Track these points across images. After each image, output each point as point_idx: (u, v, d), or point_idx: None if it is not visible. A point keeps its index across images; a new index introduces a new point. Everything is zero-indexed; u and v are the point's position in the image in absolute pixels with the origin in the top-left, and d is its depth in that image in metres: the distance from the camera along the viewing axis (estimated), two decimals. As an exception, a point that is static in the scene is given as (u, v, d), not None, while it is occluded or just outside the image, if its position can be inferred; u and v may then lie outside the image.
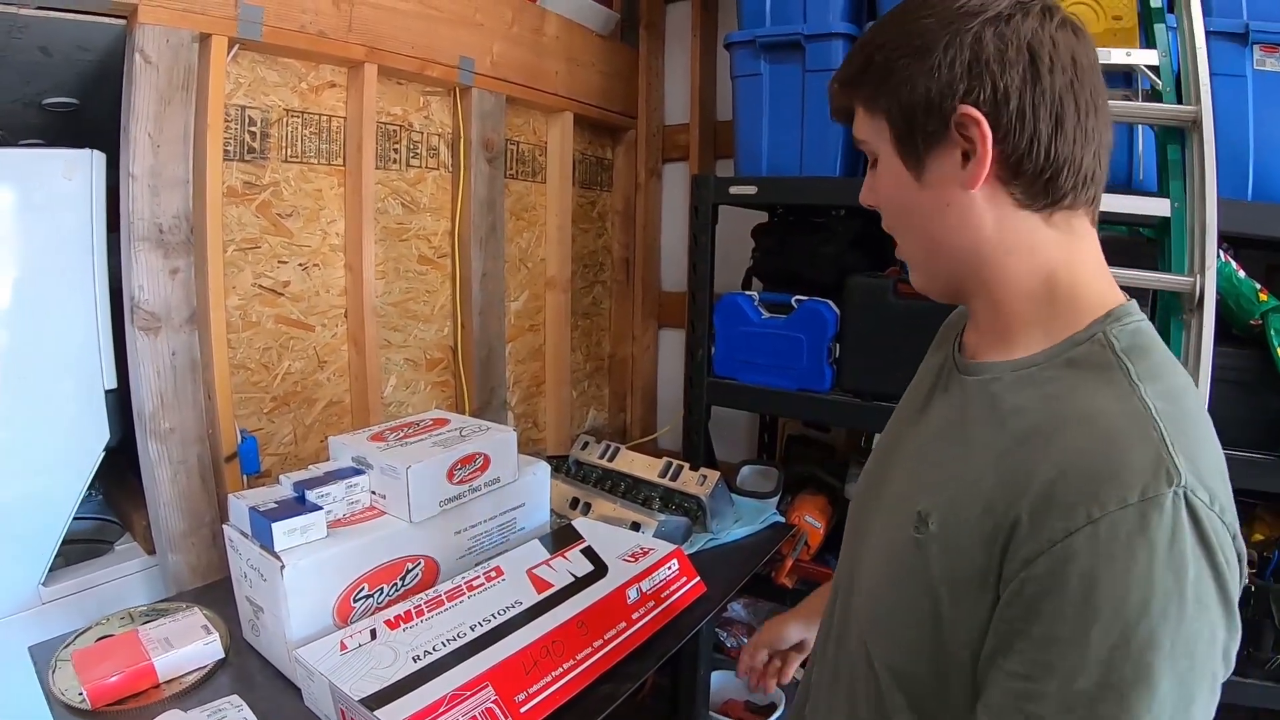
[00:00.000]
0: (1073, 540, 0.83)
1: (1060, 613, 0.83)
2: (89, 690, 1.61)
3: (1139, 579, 0.80)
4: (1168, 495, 0.82)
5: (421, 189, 2.96)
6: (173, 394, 2.18)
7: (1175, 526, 0.81)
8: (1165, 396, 0.92)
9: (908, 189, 1.07)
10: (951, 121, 0.99)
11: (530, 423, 3.68)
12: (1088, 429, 0.90)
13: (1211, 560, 0.82)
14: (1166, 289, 2.14)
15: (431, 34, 2.79)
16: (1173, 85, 2.21)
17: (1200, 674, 0.82)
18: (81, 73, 2.26)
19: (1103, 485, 0.84)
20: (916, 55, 1.00)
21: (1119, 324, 1.00)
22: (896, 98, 1.03)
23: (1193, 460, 0.85)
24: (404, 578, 1.93)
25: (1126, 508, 0.82)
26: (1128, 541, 0.81)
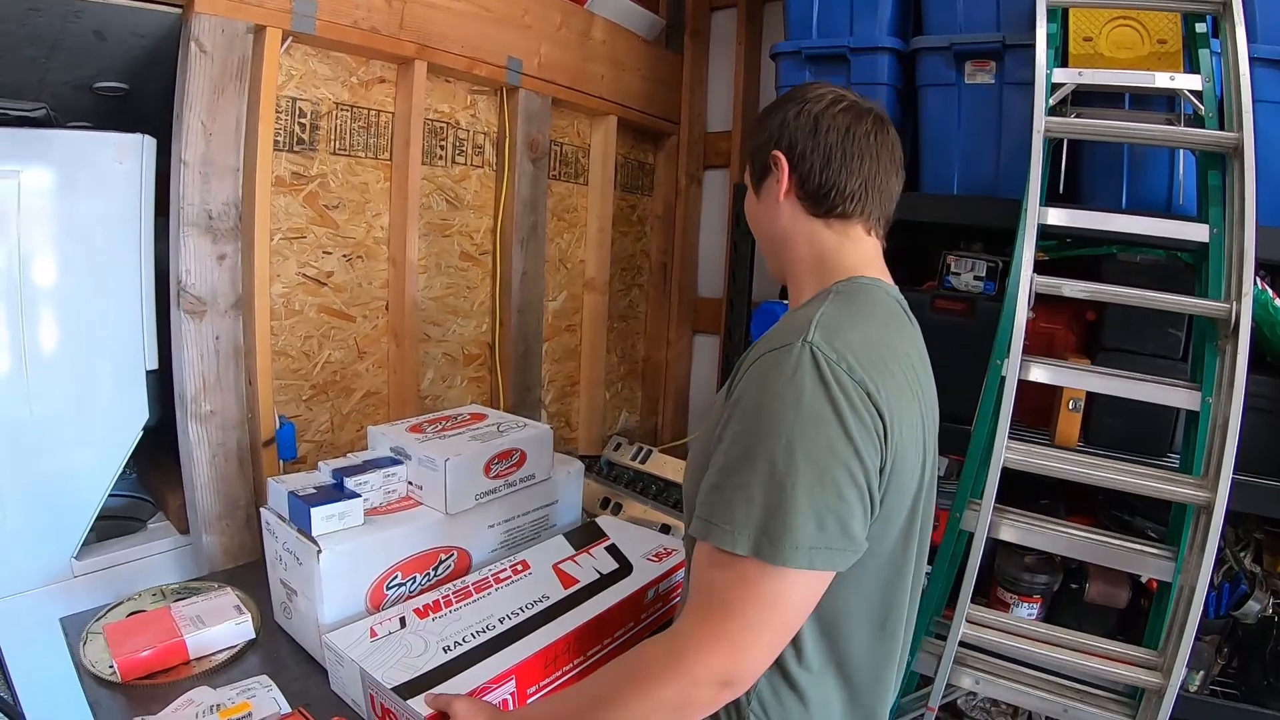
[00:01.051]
0: (748, 370, 1.30)
1: (734, 416, 1.27)
2: (120, 663, 1.65)
3: (771, 392, 1.23)
4: (796, 345, 1.24)
5: (466, 186, 2.98)
6: (215, 378, 2.21)
7: (798, 364, 1.22)
8: (838, 308, 1.36)
9: (754, 204, 1.60)
10: (766, 156, 1.52)
11: (563, 422, 3.70)
12: (783, 323, 1.39)
13: (828, 391, 1.21)
14: (1202, 314, 2.14)
15: (481, 34, 2.81)
16: (1215, 111, 2.21)
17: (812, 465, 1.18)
18: (133, 58, 2.29)
19: (765, 344, 1.31)
20: (760, 121, 1.57)
21: (848, 281, 1.47)
22: (750, 144, 1.59)
23: (829, 335, 1.26)
24: (437, 568, 1.95)
25: (772, 350, 1.27)
26: (768, 369, 1.26)
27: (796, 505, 1.17)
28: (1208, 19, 2.27)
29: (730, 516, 1.20)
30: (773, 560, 1.17)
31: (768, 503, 1.18)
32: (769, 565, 1.17)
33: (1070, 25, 2.48)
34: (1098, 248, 2.54)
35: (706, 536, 1.23)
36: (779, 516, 1.17)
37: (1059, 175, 2.55)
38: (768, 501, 1.18)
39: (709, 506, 1.24)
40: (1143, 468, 2.17)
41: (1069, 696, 2.18)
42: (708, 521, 1.23)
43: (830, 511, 1.19)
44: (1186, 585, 2.04)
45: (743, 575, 1.20)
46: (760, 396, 1.24)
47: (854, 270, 1.49)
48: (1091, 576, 2.58)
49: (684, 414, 4.42)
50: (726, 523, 1.20)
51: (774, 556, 1.16)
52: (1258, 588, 2.43)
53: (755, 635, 1.21)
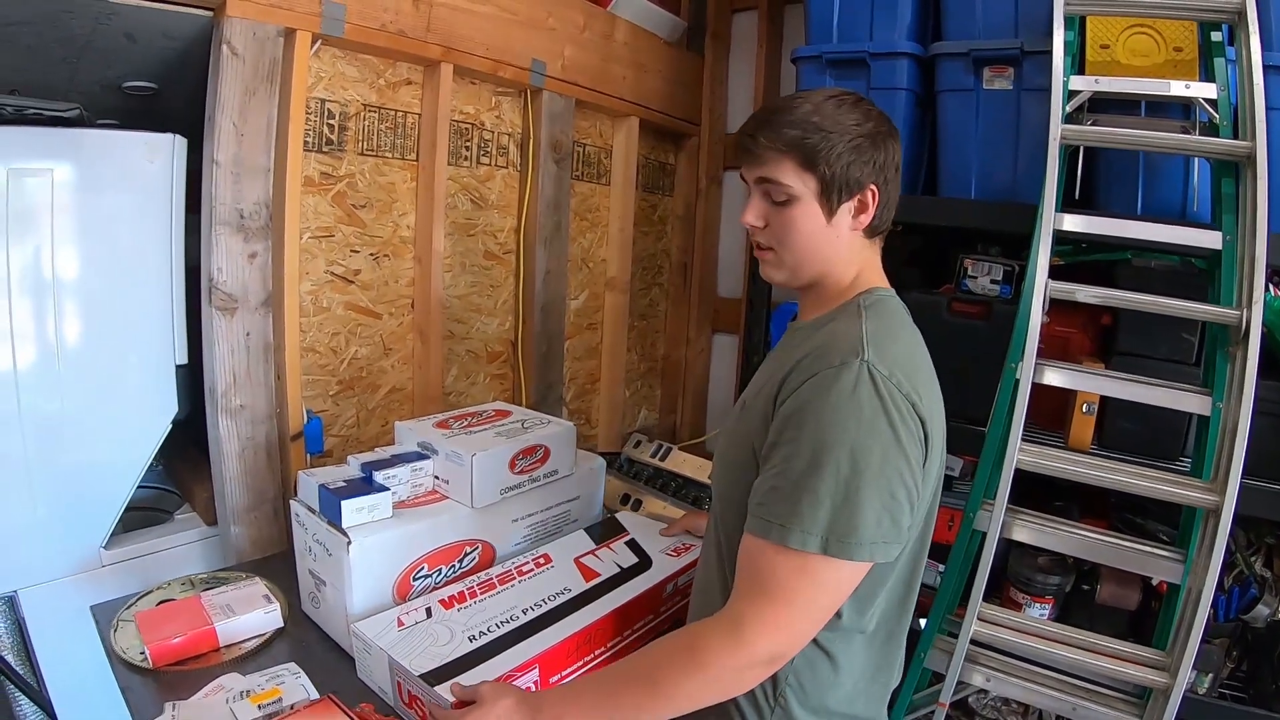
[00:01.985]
0: (803, 385, 1.39)
1: (792, 426, 1.38)
2: (152, 650, 1.69)
3: (832, 406, 1.34)
4: (855, 362, 1.36)
5: (490, 186, 3.02)
6: (245, 373, 2.25)
7: (858, 380, 1.35)
8: (878, 325, 1.48)
9: (817, 224, 1.56)
10: (864, 191, 1.55)
11: (583, 419, 3.74)
12: (827, 337, 1.48)
13: (884, 405, 1.34)
14: (1213, 321, 2.15)
15: (505, 36, 2.85)
16: (1230, 119, 2.23)
17: (872, 470, 1.32)
18: (164, 59, 2.32)
19: (823, 358, 1.40)
20: (855, 150, 1.52)
21: (870, 295, 1.58)
22: (834, 170, 1.51)
23: (880, 353, 1.38)
24: (462, 560, 2.00)
25: (832, 368, 1.37)
26: (830, 385, 1.36)
27: (860, 507, 1.32)
28: (1224, 27, 2.29)
29: (798, 517, 1.33)
30: (839, 555, 1.33)
31: (834, 505, 1.32)
32: (834, 559, 1.33)
33: (1088, 32, 2.49)
34: (1113, 253, 2.57)
35: (771, 535, 1.35)
36: (844, 517, 1.32)
37: (1075, 181, 2.57)
38: (834, 504, 1.32)
39: (774, 508, 1.37)
40: (1153, 471, 2.19)
41: (1078, 695, 2.21)
42: (773, 522, 1.36)
43: (886, 510, 1.35)
44: (1194, 588, 2.05)
45: (806, 568, 1.34)
46: (824, 410, 1.35)
47: (872, 283, 1.64)
48: (1103, 578, 2.60)
49: (703, 412, 4.45)
50: (795, 524, 1.33)
51: (840, 552, 1.33)
52: (1268, 592, 2.45)
53: (810, 617, 1.39)
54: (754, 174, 1.59)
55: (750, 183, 1.62)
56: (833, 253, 1.59)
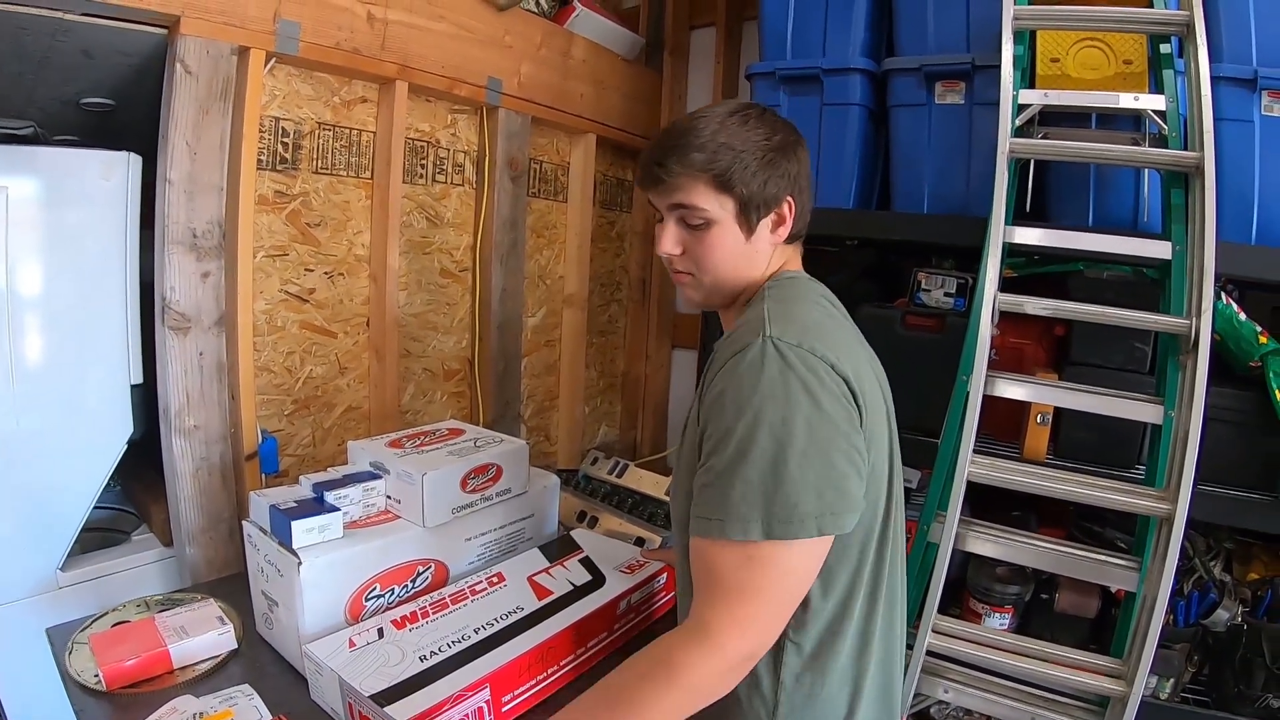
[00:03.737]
0: (715, 380, 1.41)
1: (713, 419, 1.38)
2: (105, 672, 1.67)
3: (743, 388, 1.34)
4: (757, 343, 1.36)
5: (446, 204, 3.02)
6: (199, 393, 2.24)
7: (764, 356, 1.35)
8: (779, 301, 1.50)
9: (737, 244, 1.56)
10: (780, 205, 1.57)
11: (542, 436, 3.73)
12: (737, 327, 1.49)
13: (795, 373, 1.33)
14: (1163, 330, 2.18)
15: (462, 54, 2.85)
16: (1179, 130, 2.26)
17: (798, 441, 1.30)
18: (121, 76, 2.31)
19: (729, 347, 1.42)
20: (769, 165, 1.53)
21: (775, 279, 1.60)
22: (750, 188, 1.52)
23: (783, 326, 1.39)
24: (415, 580, 1.98)
25: (740, 352, 1.37)
26: (736, 369, 1.36)
27: (794, 482, 1.29)
28: (1173, 40, 2.32)
29: (733, 509, 1.31)
30: (784, 536, 1.30)
31: (766, 487, 1.30)
32: (780, 542, 1.30)
33: (1038, 46, 2.52)
34: (1065, 264, 2.59)
35: (712, 533, 1.33)
36: (781, 496, 1.29)
37: (1026, 193, 2.59)
38: (766, 486, 1.30)
39: (709, 505, 1.35)
40: (1106, 480, 2.21)
41: (1038, 704, 2.22)
42: (710, 519, 1.34)
43: (825, 479, 1.32)
44: (1149, 595, 2.07)
45: (755, 558, 1.31)
46: (737, 396, 1.35)
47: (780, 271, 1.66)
48: (1061, 587, 2.61)
49: (663, 428, 4.44)
50: (731, 515, 1.31)
51: (785, 533, 1.29)
52: (1227, 596, 2.47)
53: (776, 609, 1.36)
54: (666, 200, 1.58)
55: (662, 209, 1.61)
56: (750, 267, 1.61)
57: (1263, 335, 2.30)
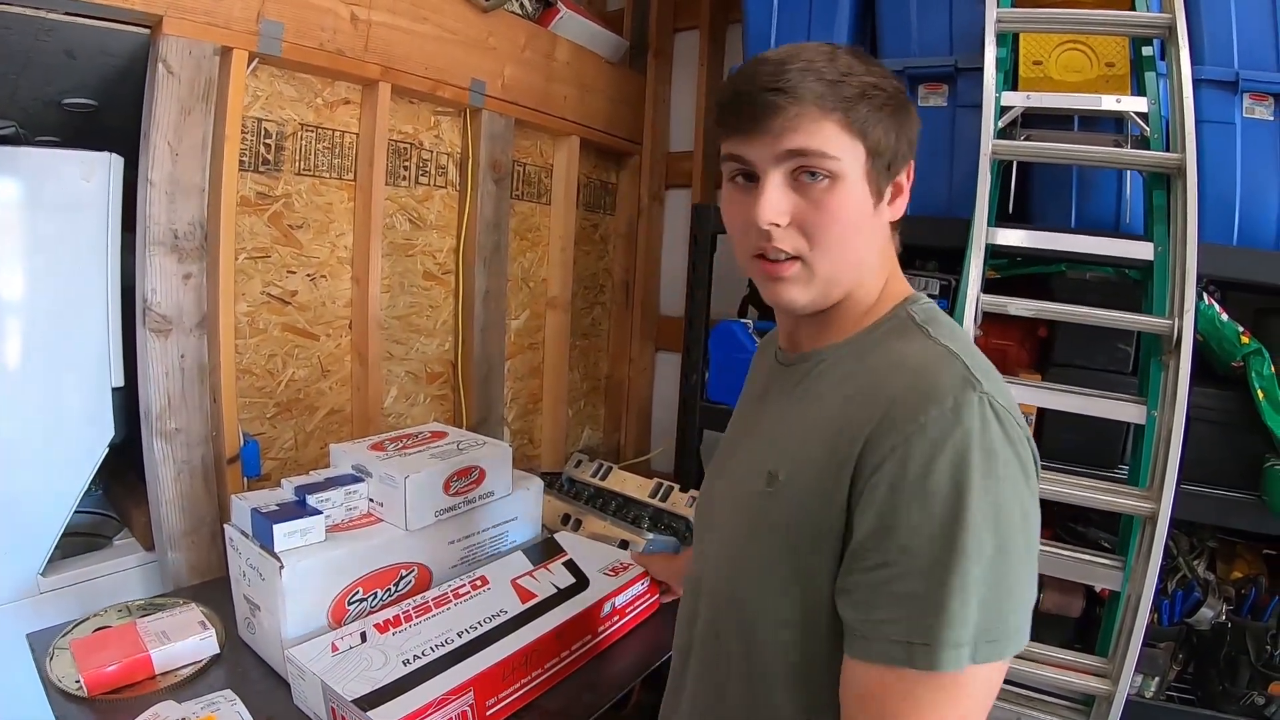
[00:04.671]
0: (909, 441, 1.02)
1: (904, 501, 1.01)
2: (86, 678, 1.66)
3: (960, 462, 0.99)
4: (974, 398, 1.03)
5: (429, 206, 3.01)
6: (180, 395, 2.22)
7: (983, 421, 1.02)
8: (957, 344, 1.14)
9: (863, 212, 1.19)
10: (905, 168, 1.23)
11: (526, 439, 3.73)
12: (904, 369, 1.11)
13: (1014, 448, 1.03)
14: (1146, 331, 2.19)
15: (445, 56, 2.85)
16: (1161, 132, 2.27)
17: (1016, 538, 1.01)
18: (104, 76, 2.30)
19: (925, 400, 1.04)
20: (907, 111, 1.20)
21: (916, 304, 1.25)
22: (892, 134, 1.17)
23: (990, 380, 1.07)
24: (398, 584, 1.97)
25: (945, 409, 1.02)
26: (950, 433, 1.01)
27: (1011, 589, 1.01)
28: (1155, 42, 2.33)
29: (945, 628, 0.98)
30: (997, 657, 1.01)
31: (983, 599, 0.98)
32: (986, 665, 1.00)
33: (1021, 49, 2.53)
34: (1048, 266, 2.59)
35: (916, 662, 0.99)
36: (994, 609, 0.99)
37: (1009, 195, 2.60)
38: (983, 597, 0.98)
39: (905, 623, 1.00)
40: (1090, 480, 2.22)
41: (1024, 704, 2.22)
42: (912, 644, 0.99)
43: (1030, 575, 1.05)
44: (1134, 594, 2.08)
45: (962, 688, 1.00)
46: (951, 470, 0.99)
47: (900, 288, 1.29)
48: (1045, 587, 2.61)
49: (647, 430, 4.44)
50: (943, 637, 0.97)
51: (993, 654, 1.00)
52: (1211, 595, 2.47)
53: None
54: (776, 145, 1.15)
55: (761, 162, 1.18)
56: (870, 252, 1.24)
57: (1244, 335, 2.31)
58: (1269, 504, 2.21)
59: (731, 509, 1.34)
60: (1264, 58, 2.34)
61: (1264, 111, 2.31)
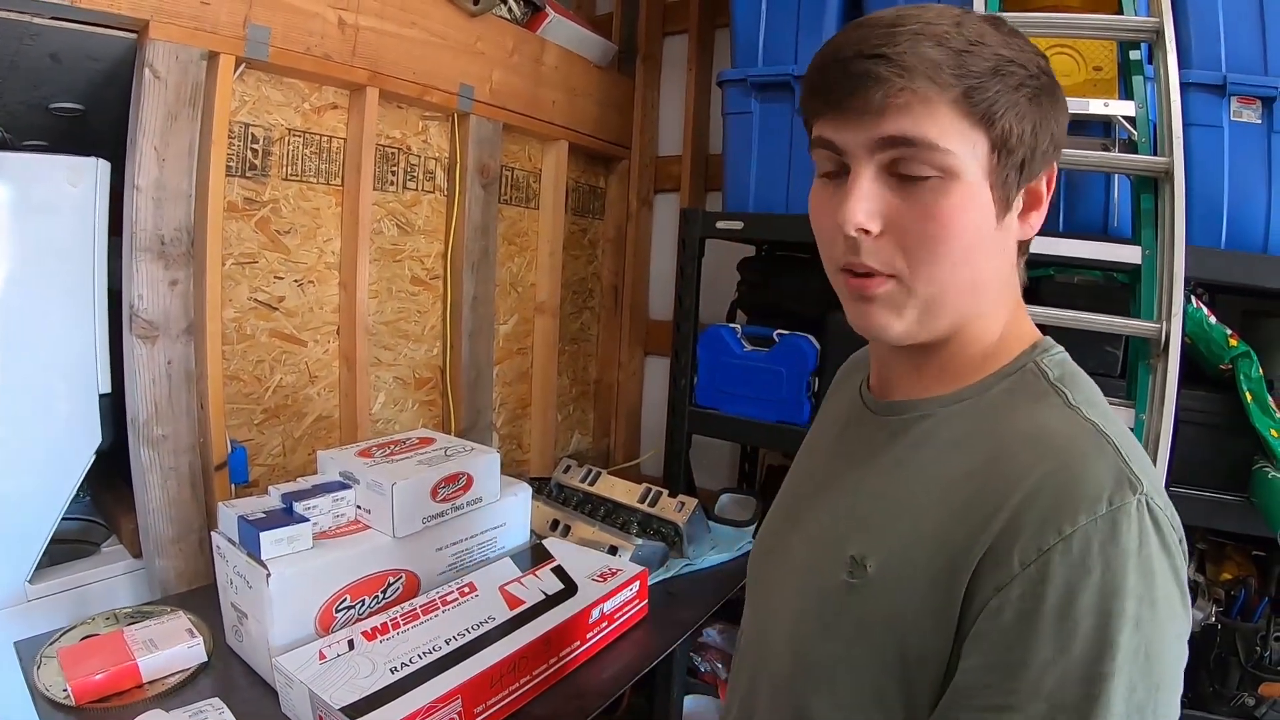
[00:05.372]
0: (1048, 558, 0.81)
1: (1039, 633, 0.80)
2: (74, 687, 1.65)
3: (1115, 587, 0.79)
4: (1133, 503, 0.81)
5: (417, 211, 3.00)
6: (167, 402, 2.21)
7: (1142, 532, 0.81)
8: (1104, 418, 0.92)
9: (985, 224, 0.95)
10: (1045, 172, 0.99)
11: (515, 444, 3.72)
12: (1041, 449, 0.88)
13: (1172, 562, 0.83)
14: (1134, 334, 2.19)
15: (433, 60, 2.84)
16: (1149, 136, 2.27)
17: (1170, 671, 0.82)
18: (90, 80, 2.30)
19: (1069, 500, 0.82)
20: (1052, 96, 0.96)
21: (1047, 354, 1.01)
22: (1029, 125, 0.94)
23: (1146, 470, 0.86)
24: (385, 591, 1.96)
25: (1096, 519, 0.81)
26: (1101, 551, 0.80)
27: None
28: (1143, 46, 2.32)
29: None
30: None
31: None
32: None
33: (1008, 53, 2.53)
34: (1036, 270, 2.59)
35: None
36: None
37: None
38: None
39: None
40: (1080, 484, 2.21)
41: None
42: None
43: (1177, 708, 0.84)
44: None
45: None
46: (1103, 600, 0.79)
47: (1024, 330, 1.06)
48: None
49: (636, 435, 4.44)
50: None
51: None
52: (1200, 597, 2.47)
53: None
54: (872, 130, 0.92)
55: (853, 148, 0.95)
56: (993, 280, 1.00)
57: (1233, 338, 2.31)
58: (1257, 506, 2.21)
59: (799, 593, 1.09)
60: (1251, 61, 2.33)
61: (1251, 115, 2.31)
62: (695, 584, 2.49)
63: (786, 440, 2.99)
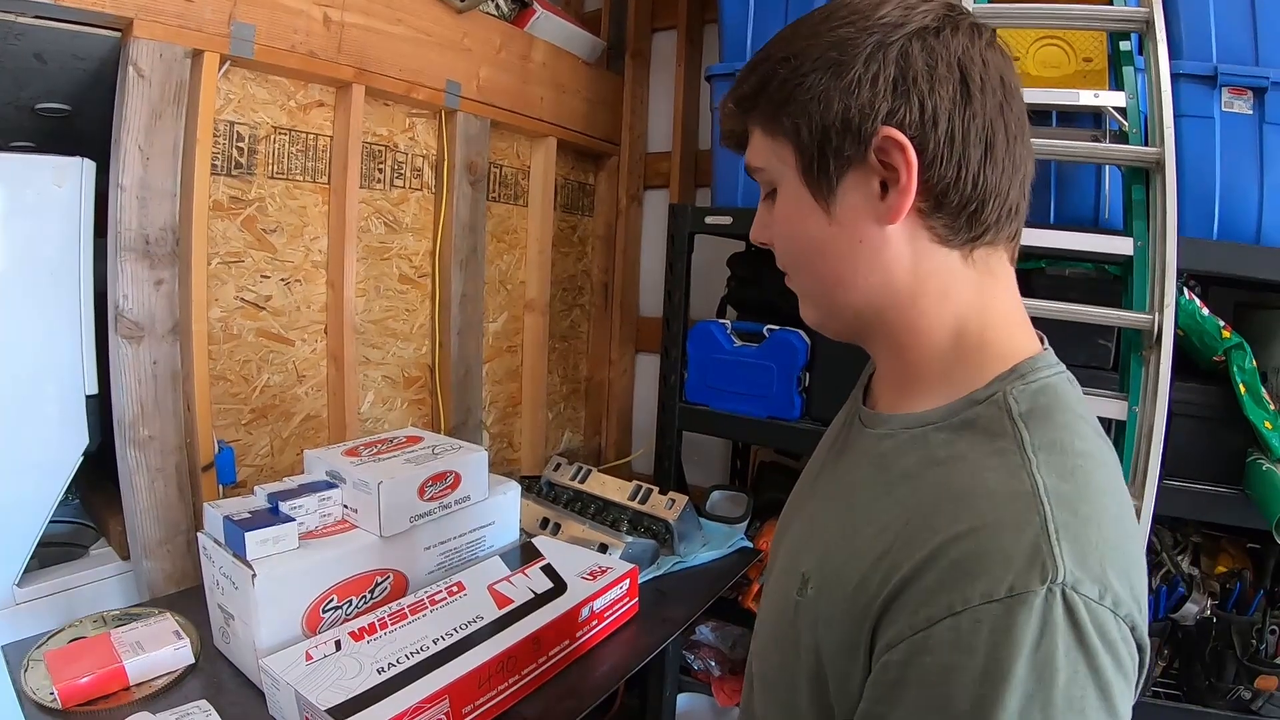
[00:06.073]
0: (933, 630, 0.77)
1: (913, 703, 0.78)
2: (60, 690, 1.64)
3: (997, 679, 0.73)
4: (1039, 593, 0.74)
5: (404, 209, 2.99)
6: (153, 403, 2.20)
7: (1045, 626, 0.73)
8: (1061, 471, 0.83)
9: (814, 223, 0.97)
10: (872, 146, 0.90)
11: (505, 443, 3.71)
12: (964, 510, 0.82)
13: (1091, 663, 0.74)
14: (1126, 326, 2.19)
15: (420, 57, 2.83)
16: (1140, 127, 2.26)
17: None
18: (75, 80, 2.28)
19: (969, 576, 0.77)
20: (831, 70, 0.91)
21: (1022, 381, 0.92)
22: (805, 117, 0.92)
23: (1083, 548, 0.77)
24: (373, 590, 1.95)
25: (991, 603, 0.75)
26: (990, 639, 0.74)
27: None
28: (1133, 37, 2.32)
29: None
30: None
31: None
32: None
33: (998, 45, 2.52)
34: (1027, 262, 2.59)
35: None
36: None
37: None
38: None
39: None
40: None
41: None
42: None
43: None
44: (1117, 592, 2.07)
45: None
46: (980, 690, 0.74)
47: (1011, 345, 0.99)
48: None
49: (628, 432, 4.43)
50: None
51: None
52: (1195, 590, 2.47)
53: None
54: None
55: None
56: (867, 273, 0.96)
57: (1225, 330, 2.30)
58: (1252, 498, 2.21)
59: (769, 598, 1.13)
60: (1242, 52, 2.33)
61: (1243, 105, 2.31)
62: (686, 581, 2.48)
63: (777, 436, 2.99)
